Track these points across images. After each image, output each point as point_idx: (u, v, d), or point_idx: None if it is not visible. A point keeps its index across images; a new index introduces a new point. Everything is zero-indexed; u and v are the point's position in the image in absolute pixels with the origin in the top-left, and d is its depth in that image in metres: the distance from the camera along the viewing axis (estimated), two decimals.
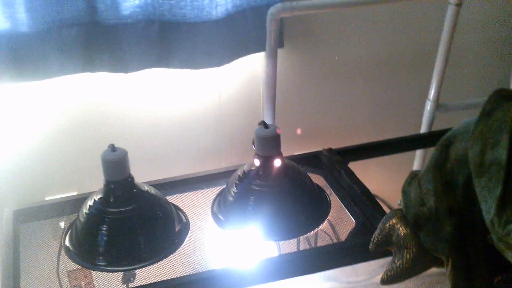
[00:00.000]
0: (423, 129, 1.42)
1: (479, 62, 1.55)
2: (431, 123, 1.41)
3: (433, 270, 0.84)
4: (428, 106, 1.40)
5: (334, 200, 1.08)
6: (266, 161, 0.99)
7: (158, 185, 1.07)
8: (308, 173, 1.08)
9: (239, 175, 1.02)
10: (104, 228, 0.92)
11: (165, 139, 1.34)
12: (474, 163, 0.72)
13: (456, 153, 0.78)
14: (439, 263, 0.82)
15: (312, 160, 1.19)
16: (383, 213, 0.99)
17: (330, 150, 1.20)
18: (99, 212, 0.93)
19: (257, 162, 1.00)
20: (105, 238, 0.92)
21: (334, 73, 1.42)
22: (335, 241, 1.06)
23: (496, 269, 0.79)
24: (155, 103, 1.30)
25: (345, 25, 1.37)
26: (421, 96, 1.43)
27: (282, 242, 1.02)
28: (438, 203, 0.78)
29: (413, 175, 0.85)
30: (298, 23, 1.32)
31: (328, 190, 1.11)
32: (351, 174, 1.11)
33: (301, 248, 1.08)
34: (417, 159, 1.48)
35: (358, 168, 1.17)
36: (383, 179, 1.53)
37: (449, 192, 0.78)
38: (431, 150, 0.83)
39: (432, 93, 1.38)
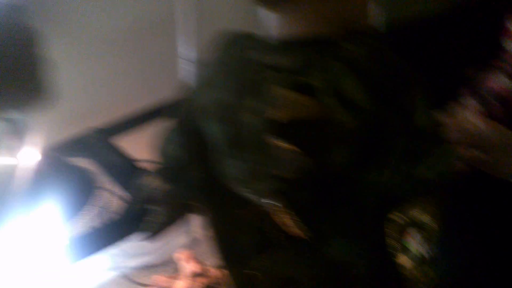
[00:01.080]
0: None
1: None
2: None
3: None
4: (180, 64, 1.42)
5: (104, 179, 1.12)
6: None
7: None
8: (74, 157, 1.10)
9: None
10: None
11: None
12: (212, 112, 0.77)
13: (199, 104, 0.81)
14: (194, 210, 0.88)
15: (76, 143, 1.21)
16: None
17: (93, 130, 1.22)
18: None
19: None
20: None
21: (81, 53, 1.41)
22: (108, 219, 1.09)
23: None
24: None
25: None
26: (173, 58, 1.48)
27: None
28: (186, 153, 0.84)
29: (167, 132, 0.88)
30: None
31: (97, 170, 1.14)
32: (115, 149, 1.15)
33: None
34: None
35: (131, 140, 1.21)
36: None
37: (196, 142, 0.82)
38: None
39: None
